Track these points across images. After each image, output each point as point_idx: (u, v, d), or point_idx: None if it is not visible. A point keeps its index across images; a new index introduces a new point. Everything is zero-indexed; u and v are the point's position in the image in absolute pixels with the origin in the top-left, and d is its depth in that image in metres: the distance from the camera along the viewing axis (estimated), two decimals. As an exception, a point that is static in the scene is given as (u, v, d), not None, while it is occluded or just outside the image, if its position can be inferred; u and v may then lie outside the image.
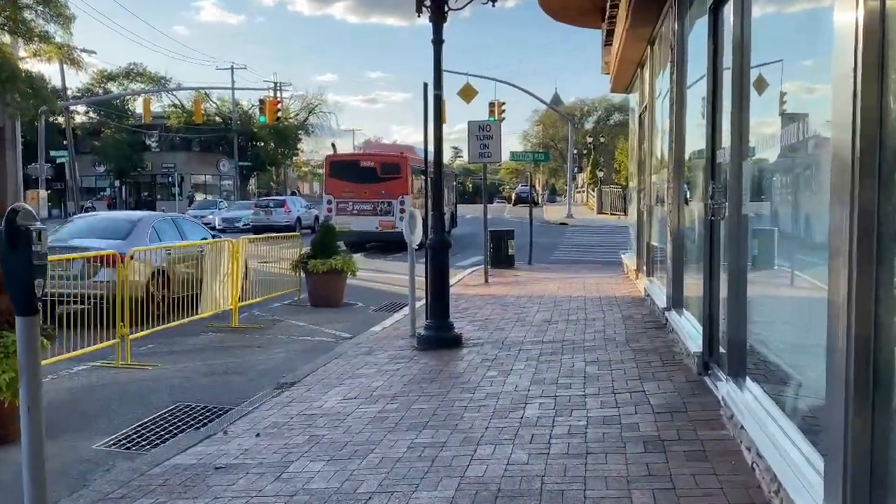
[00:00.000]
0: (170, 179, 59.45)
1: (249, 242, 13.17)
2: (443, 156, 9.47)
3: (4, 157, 31.20)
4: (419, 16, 9.05)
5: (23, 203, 3.62)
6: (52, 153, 50.02)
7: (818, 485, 3.35)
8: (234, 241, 12.05)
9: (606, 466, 4.69)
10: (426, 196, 10.96)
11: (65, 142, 51.08)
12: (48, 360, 7.37)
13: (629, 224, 17.65)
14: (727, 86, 5.70)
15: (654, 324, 9.53)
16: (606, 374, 7.06)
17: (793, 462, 3.78)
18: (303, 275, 13.47)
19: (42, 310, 8.62)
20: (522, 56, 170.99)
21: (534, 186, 54.02)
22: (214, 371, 8.47)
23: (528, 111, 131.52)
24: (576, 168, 68.01)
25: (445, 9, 8.92)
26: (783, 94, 4.88)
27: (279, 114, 46.85)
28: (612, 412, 5.84)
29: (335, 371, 7.78)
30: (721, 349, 6.04)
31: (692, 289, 7.89)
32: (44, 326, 6.69)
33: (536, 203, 53.20)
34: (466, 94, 35.86)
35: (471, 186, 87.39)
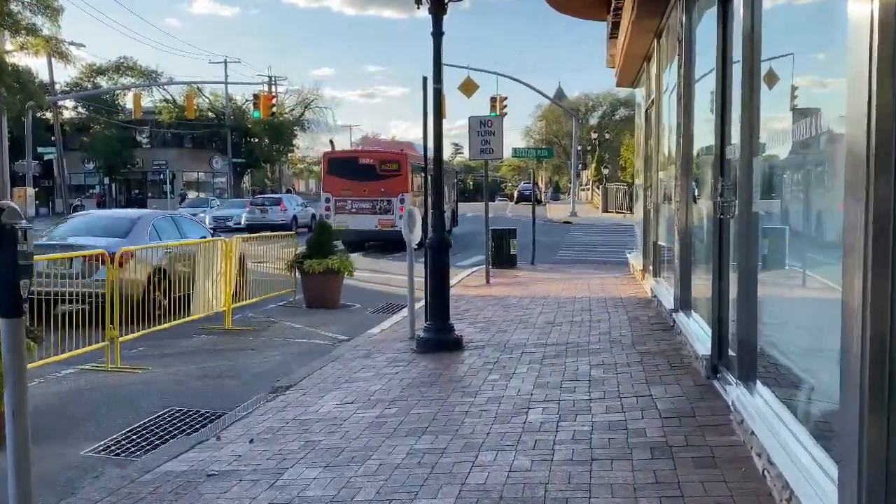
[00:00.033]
0: (161, 177, 59.44)
1: (243, 241, 13.17)
2: (443, 152, 9.47)
3: (-10, 154, 31.28)
4: (418, 7, 9.04)
5: (8, 201, 3.61)
6: (40, 150, 50.04)
7: (832, 493, 3.34)
8: (228, 241, 12.05)
9: (612, 473, 4.68)
10: (426, 194, 10.94)
11: (53, 138, 51.09)
12: (35, 364, 7.36)
13: (635, 222, 17.64)
14: (737, 80, 5.69)
15: (661, 326, 9.52)
16: (612, 378, 7.05)
17: (805, 469, 3.77)
18: (298, 275, 13.46)
19: (40, 308, 8.79)
20: (524, 49, 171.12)
21: (536, 184, 54.06)
22: (207, 374, 8.46)
23: (531, 106, 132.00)
24: (580, 165, 68.07)
25: (445, 0, 8.91)
26: (794, 89, 4.87)
27: (274, 109, 46.94)
28: (618, 417, 5.83)
29: (332, 375, 7.77)
30: (731, 352, 6.03)
31: (700, 289, 7.88)
32: (30, 329, 6.68)
33: (539, 201, 53.35)
34: (467, 89, 35.90)
35: (472, 184, 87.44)
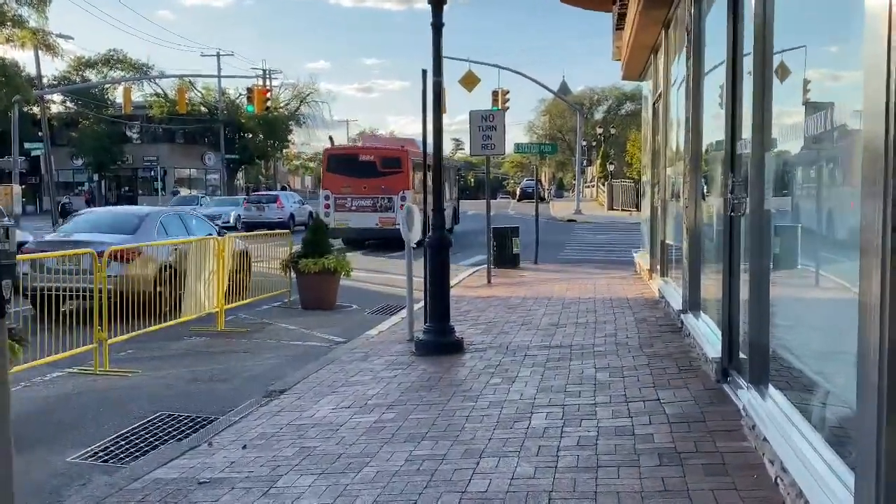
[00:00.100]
0: (152, 173, 59.45)
1: (246, 239, 13.20)
2: (443, 147, 9.43)
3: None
4: (417, -3, 9.00)
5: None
6: (27, 145, 49.97)
7: (847, 502, 3.32)
8: (220, 239, 12.03)
9: (619, 481, 4.66)
10: (427, 191, 10.93)
11: (40, 133, 50.99)
12: (20, 367, 7.35)
13: (642, 220, 17.62)
14: (748, 72, 5.66)
15: (670, 327, 9.51)
16: (618, 382, 7.03)
17: (820, 477, 3.75)
18: (294, 275, 13.44)
19: (50, 304, 8.84)
20: (527, 42, 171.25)
21: (540, 181, 53.95)
22: (198, 378, 8.44)
23: (534, 100, 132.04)
24: (585, 161, 68.05)
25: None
26: (807, 82, 4.84)
27: (268, 103, 46.86)
28: (625, 422, 5.81)
29: (328, 378, 7.75)
30: (741, 355, 6.02)
31: (710, 290, 7.86)
32: (15, 330, 6.66)
33: (543, 198, 53.32)
34: (468, 82, 35.89)
35: (473, 181, 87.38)
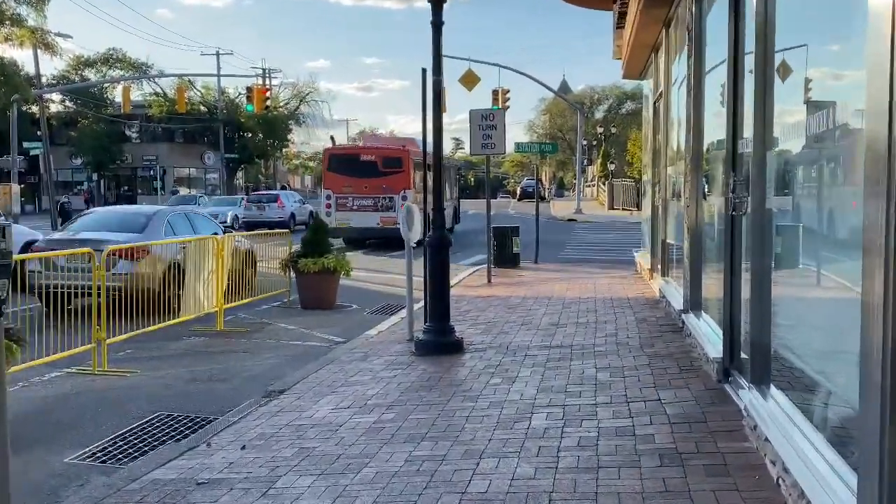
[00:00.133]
0: (151, 173, 59.40)
1: (243, 238, 13.20)
2: (443, 146, 9.42)
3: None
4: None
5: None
6: (25, 144, 49.93)
7: (850, 503, 3.30)
8: (220, 238, 12.02)
9: (619, 482, 4.65)
10: (427, 191, 10.92)
11: (39, 132, 50.97)
12: (18, 367, 7.34)
13: (642, 220, 17.61)
14: (749, 71, 5.65)
15: (670, 327, 9.50)
16: (619, 382, 7.02)
17: (822, 477, 3.74)
18: (293, 275, 13.43)
19: (62, 301, 8.83)
20: (527, 40, 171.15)
21: (540, 180, 54.10)
22: (197, 378, 8.43)
23: (534, 100, 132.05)
24: (585, 160, 67.98)
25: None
26: (808, 81, 4.83)
27: (268, 102, 46.80)
28: (626, 422, 5.80)
29: (327, 378, 7.74)
30: (743, 354, 6.00)
31: (711, 289, 7.85)
32: (13, 330, 6.65)
33: (543, 198, 53.32)
34: (468, 81, 35.89)
35: (473, 180, 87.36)
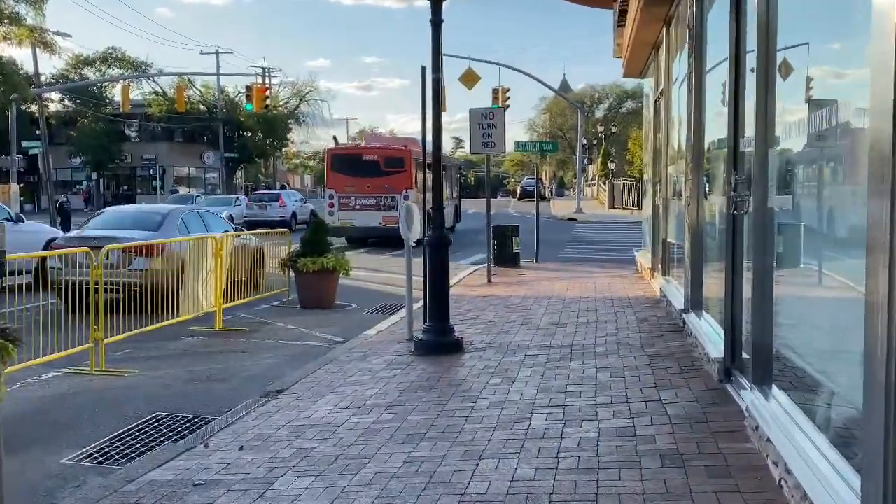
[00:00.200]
0: (150, 172, 59.41)
1: (234, 238, 13.15)
2: (442, 144, 9.39)
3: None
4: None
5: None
6: (24, 144, 49.92)
7: (854, 505, 3.27)
8: (218, 238, 11.98)
9: (620, 483, 4.62)
10: (431, 190, 10.91)
11: (38, 131, 50.94)
12: (15, 367, 7.28)
13: (643, 219, 17.58)
14: (750, 69, 5.61)
15: (671, 327, 9.47)
16: (620, 382, 6.99)
17: (825, 479, 3.71)
18: (292, 274, 13.41)
19: (80, 297, 8.77)
20: (527, 39, 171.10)
21: (540, 179, 54.10)
22: (196, 378, 8.40)
23: (535, 99, 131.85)
24: (585, 159, 68.01)
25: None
26: (810, 80, 4.80)
27: (268, 101, 46.76)
28: (626, 423, 5.77)
29: (326, 378, 7.71)
30: (744, 354, 5.98)
31: (712, 289, 7.82)
32: (9, 329, 6.61)
33: (543, 197, 53.30)
34: (468, 80, 35.89)
35: (473, 179, 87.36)
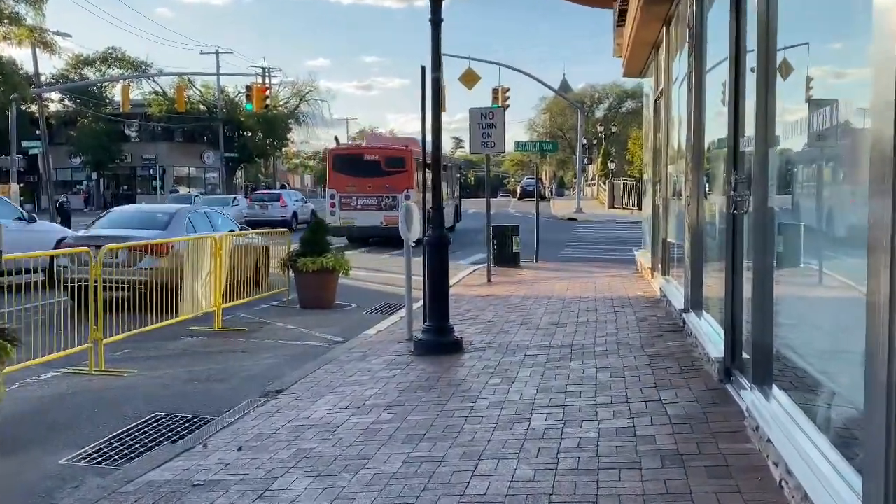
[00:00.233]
0: (151, 172, 59.40)
1: (240, 238, 13.19)
2: (442, 144, 9.37)
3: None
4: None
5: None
6: (24, 144, 49.89)
7: (855, 506, 3.26)
8: (218, 237, 11.97)
9: (620, 483, 4.61)
10: (425, 190, 10.91)
11: (38, 131, 50.94)
12: (14, 367, 7.28)
13: (643, 219, 17.57)
14: (751, 69, 5.60)
15: (671, 327, 9.45)
16: (619, 382, 6.98)
17: (826, 480, 3.69)
18: (292, 274, 13.39)
19: (88, 295, 8.80)
20: (527, 39, 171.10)
21: (540, 179, 54.08)
22: (195, 378, 8.38)
23: (535, 98, 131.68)
24: (585, 159, 67.98)
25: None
26: (810, 79, 4.79)
27: (267, 101, 46.77)
28: (626, 423, 5.76)
29: (325, 378, 7.70)
30: (745, 354, 5.96)
31: (713, 289, 7.80)
32: (7, 329, 6.61)
33: (543, 197, 53.34)
34: (468, 80, 35.89)
35: (472, 179, 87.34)
